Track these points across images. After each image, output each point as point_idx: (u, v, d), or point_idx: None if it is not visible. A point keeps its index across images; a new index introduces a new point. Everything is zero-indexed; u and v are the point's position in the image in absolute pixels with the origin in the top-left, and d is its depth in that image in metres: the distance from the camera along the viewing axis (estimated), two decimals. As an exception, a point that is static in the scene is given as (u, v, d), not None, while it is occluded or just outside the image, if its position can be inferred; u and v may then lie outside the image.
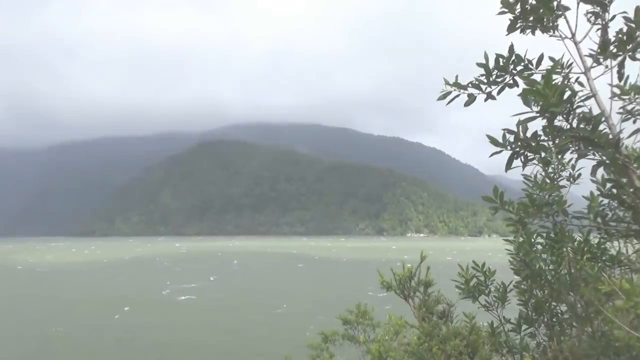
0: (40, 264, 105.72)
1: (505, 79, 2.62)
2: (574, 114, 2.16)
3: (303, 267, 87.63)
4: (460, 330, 3.96)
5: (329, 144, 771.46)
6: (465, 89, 2.71)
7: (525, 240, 3.11)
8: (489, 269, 3.59)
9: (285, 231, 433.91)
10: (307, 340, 23.68)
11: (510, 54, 2.52)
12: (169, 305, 45.24)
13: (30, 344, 30.58)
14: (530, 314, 3.29)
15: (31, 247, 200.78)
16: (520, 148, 2.37)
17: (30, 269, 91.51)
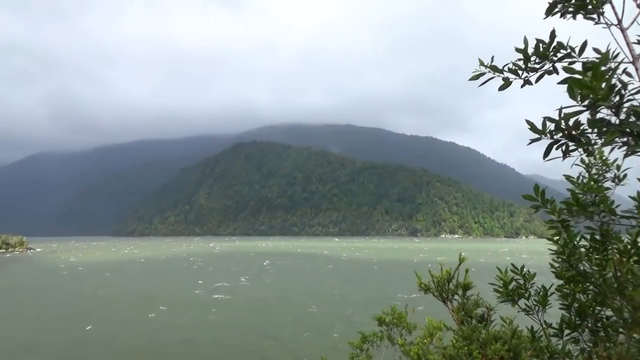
0: (82, 262, 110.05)
1: (544, 65, 2.49)
2: (622, 107, 2.04)
3: (334, 268, 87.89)
4: (501, 334, 3.84)
5: (361, 144, 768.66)
6: (501, 72, 2.60)
7: (568, 241, 2.99)
8: (528, 272, 3.49)
9: (318, 232, 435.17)
10: (336, 341, 24.06)
11: (551, 40, 2.39)
12: (202, 304, 46.39)
13: (67, 339, 32.10)
14: (573, 319, 3.16)
15: (73, 247, 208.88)
16: (562, 137, 2.26)
17: (72, 267, 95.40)
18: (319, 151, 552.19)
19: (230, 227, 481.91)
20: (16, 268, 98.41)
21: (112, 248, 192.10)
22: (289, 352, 28.07)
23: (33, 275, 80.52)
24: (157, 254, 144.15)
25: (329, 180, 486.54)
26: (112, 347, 30.30)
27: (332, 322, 35.32)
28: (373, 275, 73.11)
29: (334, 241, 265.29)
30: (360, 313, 38.52)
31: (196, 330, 34.59)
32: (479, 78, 2.63)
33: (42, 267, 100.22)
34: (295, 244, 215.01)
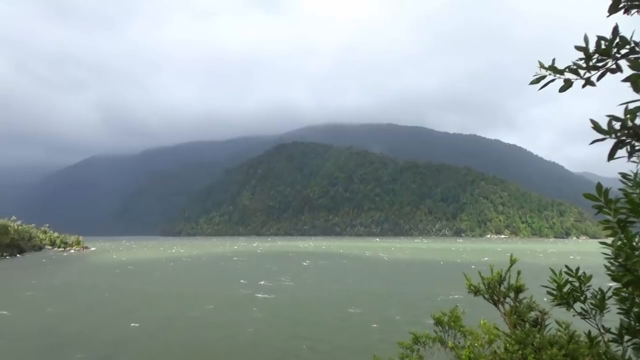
0: (131, 261, 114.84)
1: (607, 63, 2.32)
2: None
3: (375, 268, 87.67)
4: (557, 339, 3.66)
5: (403, 143, 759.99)
6: (561, 73, 2.44)
7: (625, 243, 2.78)
8: (584, 274, 3.32)
9: (360, 232, 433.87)
10: (378, 342, 24.22)
11: (614, 36, 2.23)
12: (244, 302, 47.51)
13: (114, 335, 33.78)
14: (632, 324, 2.95)
15: (124, 246, 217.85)
16: (627, 137, 2.12)
17: (123, 266, 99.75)
18: (360, 151, 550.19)
19: (274, 227, 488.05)
20: (72, 266, 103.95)
21: (161, 247, 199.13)
22: (328, 352, 28.30)
23: (87, 273, 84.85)
24: (202, 253, 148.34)
25: (370, 180, 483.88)
26: (156, 343, 31.68)
27: (373, 323, 35.44)
28: (414, 276, 72.47)
29: (376, 241, 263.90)
30: (402, 314, 38.44)
31: (238, 328, 35.57)
32: (539, 82, 2.51)
33: (96, 265, 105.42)
34: (337, 244, 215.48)
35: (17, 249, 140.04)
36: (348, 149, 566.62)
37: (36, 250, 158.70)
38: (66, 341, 31.72)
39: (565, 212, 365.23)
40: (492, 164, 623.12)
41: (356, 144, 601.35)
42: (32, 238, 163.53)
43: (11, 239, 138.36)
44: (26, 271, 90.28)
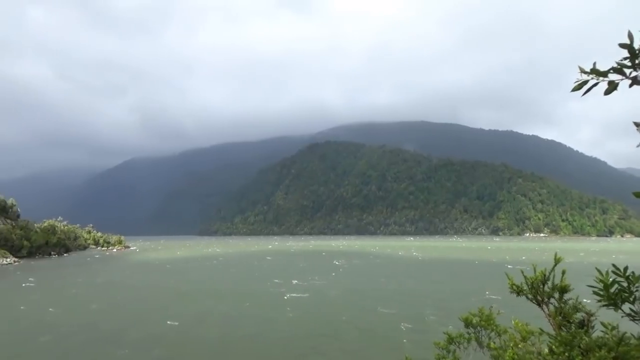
0: (170, 259, 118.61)
1: None
2: None
3: (408, 268, 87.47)
4: (605, 341, 3.46)
5: (436, 140, 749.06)
6: (605, 75, 2.31)
7: None
8: (632, 274, 3.09)
9: (394, 231, 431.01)
10: (410, 342, 24.75)
11: None
12: (277, 300, 48.67)
13: (149, 332, 35.46)
14: None
15: (163, 245, 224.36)
16: None
17: (161, 264, 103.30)
18: (393, 149, 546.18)
19: (307, 226, 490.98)
20: (114, 264, 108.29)
21: (197, 246, 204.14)
22: (358, 351, 28.79)
23: (128, 271, 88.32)
24: (237, 252, 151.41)
25: (404, 179, 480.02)
26: (191, 339, 33.10)
27: (404, 323, 35.74)
28: (449, 275, 72.00)
29: (410, 240, 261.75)
30: (435, 314, 38.53)
31: (270, 326, 36.64)
32: (581, 87, 2.41)
33: (136, 263, 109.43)
34: (370, 243, 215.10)
35: (63, 248, 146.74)
36: (381, 147, 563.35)
37: (81, 250, 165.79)
38: (108, 336, 33.60)
39: (608, 210, 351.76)
40: (530, 160, 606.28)
41: (389, 142, 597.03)
42: (78, 238, 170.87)
43: (58, 239, 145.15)
44: (72, 269, 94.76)
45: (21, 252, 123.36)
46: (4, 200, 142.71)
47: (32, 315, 42.62)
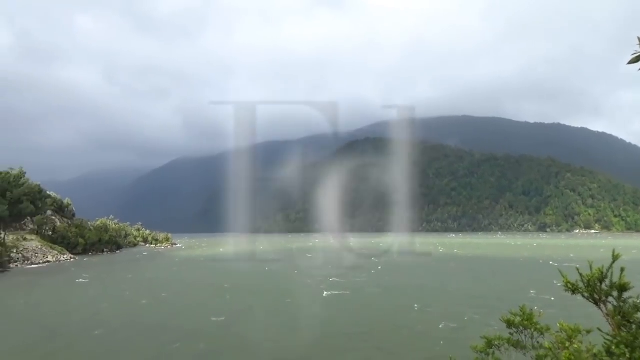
0: (214, 256, 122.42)
1: None
2: None
3: (454, 265, 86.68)
4: None
5: (479, 135, 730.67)
6: None
7: None
8: None
9: (437, 227, 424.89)
10: (447, 342, 25.29)
11: None
12: (316, 298, 49.80)
13: (200, 326, 37.30)
14: None
15: (207, 242, 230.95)
16: None
17: (205, 260, 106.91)
18: (434, 145, 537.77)
19: (348, 223, 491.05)
20: (162, 261, 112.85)
21: (239, 244, 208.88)
22: (394, 351, 29.30)
23: (175, 268, 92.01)
24: (278, 249, 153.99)
25: (446, 175, 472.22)
26: (232, 334, 34.66)
27: (444, 322, 35.89)
28: (491, 273, 70.98)
29: (452, 237, 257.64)
30: (477, 313, 38.46)
31: (308, 322, 37.74)
32: (638, 60, 2.21)
33: (183, 260, 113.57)
34: (413, 241, 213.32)
35: (115, 245, 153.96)
36: (421, 143, 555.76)
37: (131, 247, 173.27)
38: (158, 331, 35.70)
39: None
40: (579, 154, 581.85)
41: (429, 138, 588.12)
42: (128, 235, 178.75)
43: (110, 237, 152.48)
44: (123, 266, 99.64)
45: (77, 249, 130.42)
46: (60, 200, 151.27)
47: (87, 309, 45.65)
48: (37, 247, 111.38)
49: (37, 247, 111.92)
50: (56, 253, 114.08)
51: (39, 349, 30.99)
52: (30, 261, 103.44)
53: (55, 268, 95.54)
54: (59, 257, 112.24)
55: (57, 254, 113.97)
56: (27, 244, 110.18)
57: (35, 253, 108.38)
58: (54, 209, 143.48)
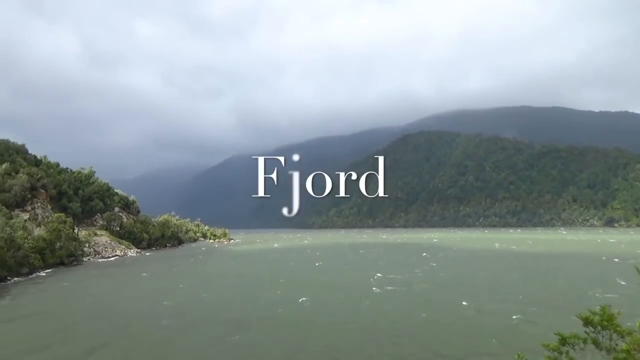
0: (270, 250, 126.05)
1: None
2: None
3: (510, 261, 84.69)
4: None
5: (539, 126, 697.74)
6: None
7: None
8: None
9: (495, 222, 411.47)
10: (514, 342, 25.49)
11: None
12: (367, 292, 50.62)
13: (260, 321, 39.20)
14: None
15: (263, 237, 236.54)
16: None
17: (263, 255, 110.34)
18: (490, 137, 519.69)
19: (402, 218, 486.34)
20: (221, 256, 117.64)
21: (293, 239, 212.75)
22: (456, 351, 29.50)
23: (233, 262, 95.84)
24: (331, 244, 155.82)
25: (504, 168, 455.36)
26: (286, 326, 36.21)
27: (503, 321, 35.33)
28: (553, 271, 68.60)
29: (510, 232, 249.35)
30: (540, 311, 37.47)
31: (355, 317, 38.71)
32: None
33: (239, 254, 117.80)
34: (466, 236, 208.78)
35: (177, 240, 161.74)
36: (477, 135, 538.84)
37: (191, 242, 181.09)
38: (219, 323, 38.03)
39: None
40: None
41: (486, 130, 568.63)
42: (188, 231, 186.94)
43: (172, 232, 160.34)
44: (185, 260, 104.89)
45: (142, 244, 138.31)
46: (126, 197, 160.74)
47: (153, 300, 49.05)
48: (106, 242, 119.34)
49: (107, 241, 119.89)
50: (124, 247, 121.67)
51: (110, 336, 34.05)
52: (100, 255, 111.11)
53: (123, 261, 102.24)
54: (126, 251, 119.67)
55: (124, 248, 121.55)
56: (97, 239, 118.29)
57: (105, 247, 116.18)
58: (121, 205, 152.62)
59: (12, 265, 68.83)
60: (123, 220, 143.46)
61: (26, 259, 74.60)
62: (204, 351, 29.34)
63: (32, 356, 28.76)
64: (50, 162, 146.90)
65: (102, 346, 30.84)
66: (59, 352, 29.64)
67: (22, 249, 74.31)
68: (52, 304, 48.37)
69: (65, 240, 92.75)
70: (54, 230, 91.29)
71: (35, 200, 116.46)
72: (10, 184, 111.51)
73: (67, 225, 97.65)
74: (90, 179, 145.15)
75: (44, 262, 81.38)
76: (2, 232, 71.92)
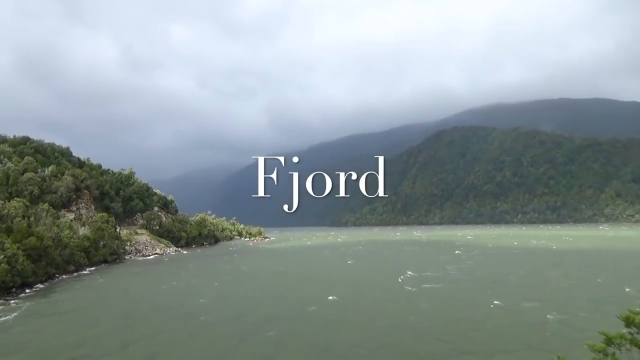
0: (305, 249, 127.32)
1: None
2: None
3: (548, 259, 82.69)
4: None
5: (578, 118, 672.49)
6: None
7: None
8: None
9: (534, 219, 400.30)
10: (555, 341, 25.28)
11: None
12: (400, 292, 50.65)
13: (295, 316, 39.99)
14: None
15: (297, 235, 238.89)
16: None
17: (297, 253, 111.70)
18: (528, 131, 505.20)
19: (437, 215, 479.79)
20: (257, 254, 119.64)
21: (327, 237, 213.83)
22: (494, 350, 29.22)
23: (268, 260, 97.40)
24: (364, 241, 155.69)
25: (542, 162, 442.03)
26: (320, 323, 36.78)
27: (536, 320, 34.79)
28: (591, 269, 66.55)
29: (549, 229, 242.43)
30: (575, 313, 36.50)
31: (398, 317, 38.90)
32: None
33: (274, 253, 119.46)
34: (502, 233, 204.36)
35: (213, 238, 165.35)
36: (514, 130, 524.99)
37: (228, 240, 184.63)
38: (254, 319, 39.06)
39: None
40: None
41: (522, 124, 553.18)
42: (224, 229, 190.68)
43: (209, 231, 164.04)
44: (222, 257, 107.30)
45: (180, 243, 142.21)
46: (164, 197, 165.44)
47: (192, 296, 50.69)
48: (146, 241, 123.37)
49: (147, 240, 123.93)
50: (163, 246, 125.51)
51: (145, 331, 35.58)
52: (141, 253, 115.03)
53: (162, 259, 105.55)
54: (165, 250, 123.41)
55: (163, 246, 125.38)
56: (138, 238, 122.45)
57: (145, 246, 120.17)
58: (160, 205, 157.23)
59: (60, 263, 72.33)
60: (162, 219, 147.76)
61: (72, 257, 78.20)
62: (233, 348, 30.36)
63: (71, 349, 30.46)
64: (93, 164, 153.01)
65: (138, 340, 32.46)
66: (96, 346, 31.24)
67: (69, 248, 77.97)
68: (94, 299, 50.80)
69: (108, 239, 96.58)
70: (97, 229, 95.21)
71: (80, 201, 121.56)
72: (56, 185, 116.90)
73: (109, 224, 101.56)
74: (131, 180, 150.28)
75: (89, 260, 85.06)
76: (50, 232, 75.70)
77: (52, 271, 68.23)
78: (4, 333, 34.76)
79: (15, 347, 30.79)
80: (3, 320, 38.97)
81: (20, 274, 56.08)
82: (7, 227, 67.32)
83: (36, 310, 43.70)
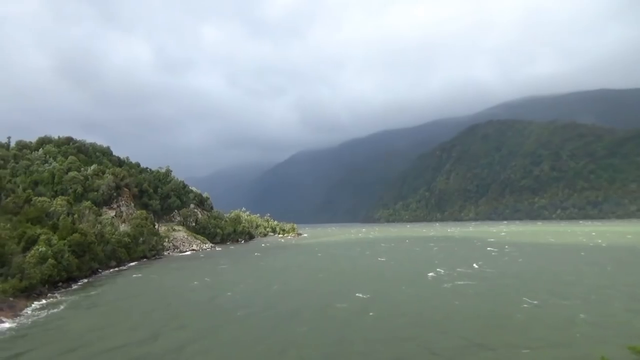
0: (338, 245, 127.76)
1: None
2: None
3: (584, 256, 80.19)
4: None
5: (620, 110, 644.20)
6: None
7: None
8: None
9: (573, 214, 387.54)
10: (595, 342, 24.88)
11: None
12: (430, 288, 50.36)
13: (322, 312, 40.36)
14: None
15: (330, 232, 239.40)
16: None
17: (331, 249, 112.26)
18: (566, 124, 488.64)
19: (472, 211, 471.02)
20: (290, 250, 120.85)
21: (360, 233, 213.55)
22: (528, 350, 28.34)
23: (302, 256, 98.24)
24: (398, 237, 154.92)
25: (582, 156, 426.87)
26: (358, 320, 37.02)
27: (572, 321, 33.61)
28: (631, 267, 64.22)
29: (588, 225, 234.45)
30: (609, 314, 35.33)
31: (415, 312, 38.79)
32: None
33: (308, 249, 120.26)
34: (538, 229, 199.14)
35: (248, 235, 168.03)
36: (551, 122, 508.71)
37: (262, 236, 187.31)
38: (287, 315, 39.74)
39: None
40: None
41: (560, 117, 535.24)
42: (258, 226, 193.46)
43: (243, 227, 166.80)
44: (254, 254, 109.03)
45: (215, 239, 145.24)
46: (200, 194, 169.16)
47: (228, 291, 51.91)
48: (183, 237, 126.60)
49: (184, 236, 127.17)
50: (199, 242, 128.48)
51: (182, 322, 36.80)
52: (178, 249, 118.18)
53: (200, 255, 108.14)
54: (201, 246, 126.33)
55: (200, 242, 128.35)
56: (175, 234, 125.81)
57: (183, 242, 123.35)
58: (196, 202, 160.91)
59: (102, 258, 75.29)
60: (198, 216, 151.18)
61: (114, 253, 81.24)
62: (259, 339, 31.16)
63: (105, 339, 31.95)
64: (132, 163, 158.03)
65: (169, 331, 33.86)
66: (129, 337, 32.59)
67: (110, 244, 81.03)
68: (132, 293, 52.84)
69: (147, 235, 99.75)
70: (137, 226, 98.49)
71: (120, 199, 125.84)
72: (98, 183, 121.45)
73: (148, 221, 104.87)
74: (168, 178, 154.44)
75: (129, 255, 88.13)
76: (94, 228, 78.87)
77: (95, 266, 71.07)
78: (50, 324, 36.74)
79: (57, 337, 32.79)
80: (49, 313, 41.12)
81: (66, 268, 58.78)
82: (53, 223, 70.62)
83: (79, 304, 45.86)
